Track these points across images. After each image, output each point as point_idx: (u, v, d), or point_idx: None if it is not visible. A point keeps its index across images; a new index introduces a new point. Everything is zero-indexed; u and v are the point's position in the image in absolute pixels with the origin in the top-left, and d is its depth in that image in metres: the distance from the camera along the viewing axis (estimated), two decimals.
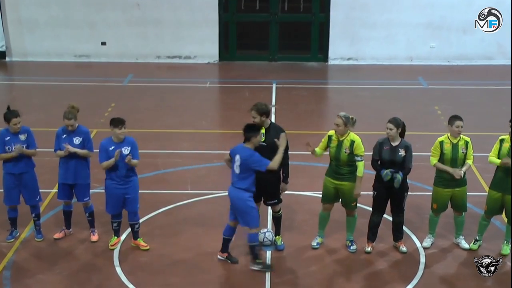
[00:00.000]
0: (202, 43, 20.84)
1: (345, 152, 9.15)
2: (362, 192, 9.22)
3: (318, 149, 9.39)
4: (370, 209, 9.74)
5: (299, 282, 8.97)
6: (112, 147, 9.21)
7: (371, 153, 9.29)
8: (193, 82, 18.85)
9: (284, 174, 9.30)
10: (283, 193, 9.53)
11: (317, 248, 9.65)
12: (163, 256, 9.45)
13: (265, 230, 9.64)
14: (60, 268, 9.17)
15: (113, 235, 9.70)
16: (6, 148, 9.42)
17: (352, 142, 9.14)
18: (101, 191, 11.29)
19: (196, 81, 18.92)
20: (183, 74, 19.91)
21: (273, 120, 9.53)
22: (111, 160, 9.17)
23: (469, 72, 20.01)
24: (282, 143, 8.83)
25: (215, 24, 20.85)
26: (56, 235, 9.87)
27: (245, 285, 8.90)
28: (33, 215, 9.82)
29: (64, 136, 9.50)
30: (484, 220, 9.61)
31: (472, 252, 9.51)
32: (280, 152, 8.77)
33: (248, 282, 8.93)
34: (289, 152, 9.30)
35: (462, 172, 9.28)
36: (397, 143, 9.19)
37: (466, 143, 9.34)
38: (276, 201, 9.47)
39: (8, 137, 9.43)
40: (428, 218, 9.77)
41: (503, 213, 9.52)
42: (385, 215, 9.69)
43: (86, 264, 9.26)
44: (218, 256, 9.33)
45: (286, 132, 9.31)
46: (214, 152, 13.20)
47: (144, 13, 20.67)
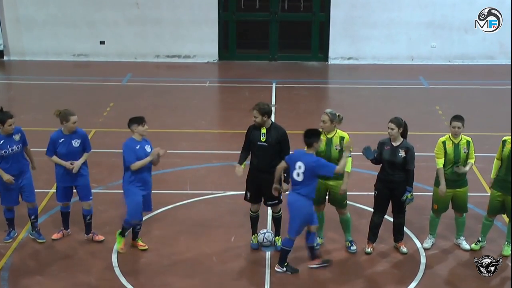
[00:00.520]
0: (202, 42, 20.79)
1: (336, 149, 9.13)
2: (363, 193, 9.17)
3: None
4: (371, 210, 9.67)
5: (299, 283, 8.91)
6: (138, 146, 9.10)
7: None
8: (193, 82, 18.79)
9: (285, 175, 9.24)
10: (284, 194, 9.47)
11: (317, 249, 9.58)
12: (162, 257, 9.39)
13: (265, 231, 9.65)
14: (58, 269, 9.10)
15: (121, 237, 9.47)
16: (3, 152, 9.21)
17: (342, 138, 9.14)
18: (101, 191, 11.24)
19: (196, 81, 18.87)
20: (183, 74, 19.86)
21: (273, 120, 9.47)
22: (147, 159, 9.04)
23: (471, 72, 19.96)
24: (347, 148, 8.82)
25: (215, 23, 20.80)
26: (54, 236, 9.79)
27: (245, 285, 8.84)
28: (32, 217, 9.68)
29: (62, 140, 9.31)
30: (487, 220, 9.57)
31: (473, 253, 9.45)
32: (345, 157, 8.73)
33: (248, 282, 8.88)
34: (290, 152, 9.26)
35: (464, 168, 9.24)
36: (398, 144, 9.13)
37: (468, 143, 9.31)
38: (277, 202, 9.42)
39: (2, 141, 9.22)
40: (429, 219, 9.71)
41: (505, 213, 9.46)
42: (386, 216, 9.63)
43: (84, 265, 9.19)
44: (309, 266, 9.13)
45: (287, 132, 9.28)
46: (214, 152, 13.15)
47: (143, 12, 20.61)
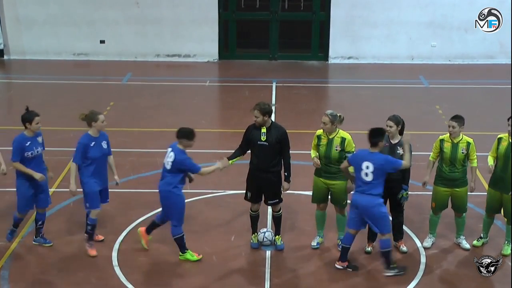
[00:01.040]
0: (202, 42, 20.79)
1: (336, 150, 9.12)
2: None
3: (313, 152, 9.34)
4: None
5: (299, 282, 8.92)
6: (93, 143, 9.02)
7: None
8: (193, 81, 18.80)
9: (286, 173, 9.25)
10: (284, 193, 9.48)
11: (317, 248, 9.60)
12: (163, 256, 9.38)
13: (265, 230, 9.65)
14: (58, 268, 9.10)
15: (149, 236, 9.44)
16: (29, 154, 8.97)
17: (343, 139, 9.12)
18: None
19: (196, 80, 18.87)
20: (183, 73, 19.86)
21: (273, 119, 9.48)
22: (216, 166, 9.06)
23: (471, 71, 19.97)
24: (407, 141, 8.84)
25: (215, 23, 20.80)
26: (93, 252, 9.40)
27: (245, 285, 8.84)
28: (39, 223, 9.47)
29: (93, 144, 9.02)
30: (487, 218, 9.58)
31: (473, 253, 9.44)
32: (407, 150, 8.76)
33: (248, 282, 8.88)
34: (290, 152, 9.27)
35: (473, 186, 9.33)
36: (396, 141, 9.14)
37: (468, 144, 9.25)
38: (277, 201, 9.43)
39: (29, 142, 8.95)
40: (429, 218, 9.71)
41: (502, 212, 9.46)
42: None
43: (85, 264, 9.18)
44: (337, 265, 9.08)
45: (287, 131, 9.27)
46: (214, 152, 13.13)
47: (143, 11, 20.61)
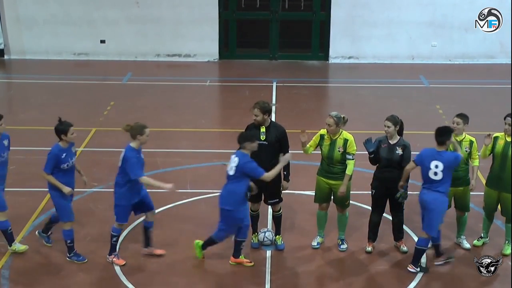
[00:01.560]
0: (202, 41, 20.78)
1: (339, 151, 9.12)
2: (362, 192, 9.14)
3: (309, 146, 9.32)
4: (370, 208, 9.66)
5: (299, 282, 8.91)
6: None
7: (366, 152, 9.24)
8: (193, 81, 18.78)
9: (285, 173, 9.25)
10: (284, 192, 9.47)
11: (317, 248, 9.58)
12: (163, 256, 9.36)
13: (265, 230, 9.64)
14: (59, 268, 9.08)
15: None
16: (65, 166, 8.75)
17: (346, 141, 9.11)
18: (101, 191, 11.21)
19: (196, 80, 18.86)
20: (183, 73, 19.85)
21: (274, 119, 9.45)
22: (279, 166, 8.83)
23: (471, 71, 19.96)
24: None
25: (215, 22, 20.78)
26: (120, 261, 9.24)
27: (245, 285, 8.83)
28: (53, 224, 9.39)
29: (137, 157, 8.96)
30: (486, 217, 9.57)
31: (474, 253, 9.43)
32: (459, 149, 8.88)
33: (248, 282, 8.87)
34: (290, 151, 9.24)
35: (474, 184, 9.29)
36: (395, 141, 9.14)
37: (471, 143, 9.28)
38: (277, 200, 9.42)
39: (64, 154, 8.74)
40: None
41: (500, 210, 9.43)
42: (386, 215, 9.64)
43: (85, 264, 9.15)
44: (436, 263, 9.13)
45: (287, 131, 9.28)
46: (214, 151, 13.13)
47: (143, 11, 20.60)
